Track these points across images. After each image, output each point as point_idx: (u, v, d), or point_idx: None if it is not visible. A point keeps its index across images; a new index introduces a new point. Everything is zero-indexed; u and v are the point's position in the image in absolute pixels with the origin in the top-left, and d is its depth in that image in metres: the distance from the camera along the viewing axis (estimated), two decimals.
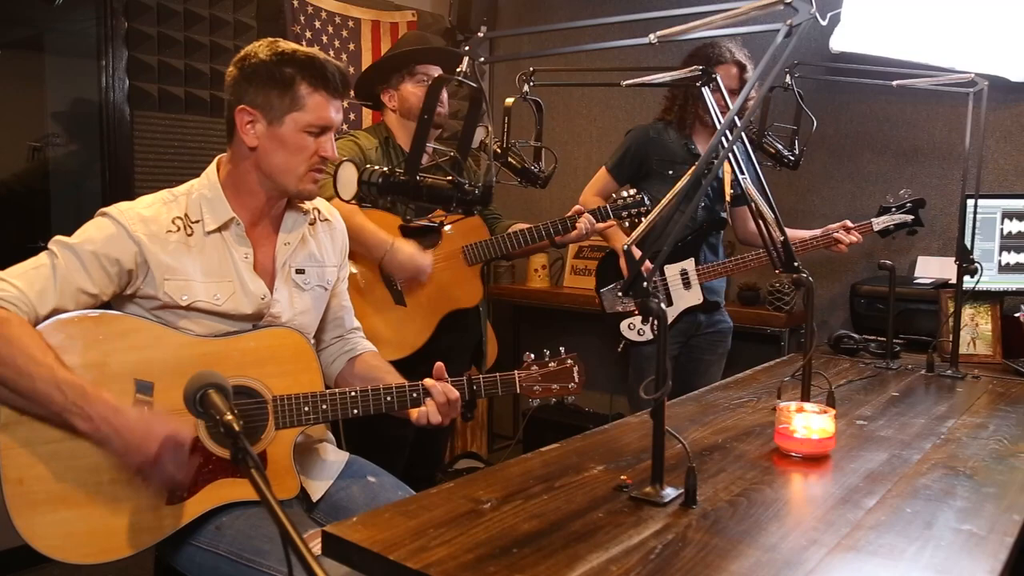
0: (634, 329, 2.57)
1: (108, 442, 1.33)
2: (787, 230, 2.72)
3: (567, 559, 1.05)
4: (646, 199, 2.34)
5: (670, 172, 2.60)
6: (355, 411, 1.54)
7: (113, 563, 1.40)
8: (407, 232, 2.22)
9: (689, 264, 2.62)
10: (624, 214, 2.33)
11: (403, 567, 1.03)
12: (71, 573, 2.62)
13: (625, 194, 2.35)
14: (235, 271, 1.55)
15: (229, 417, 0.99)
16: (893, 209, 2.62)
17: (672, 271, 2.62)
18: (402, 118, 2.33)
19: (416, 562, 1.03)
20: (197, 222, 1.54)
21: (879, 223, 2.62)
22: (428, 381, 1.59)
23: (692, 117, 2.64)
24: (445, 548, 1.07)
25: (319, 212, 1.74)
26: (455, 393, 1.60)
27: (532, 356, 1.70)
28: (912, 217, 2.61)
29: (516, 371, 1.67)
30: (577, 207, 2.34)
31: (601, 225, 2.32)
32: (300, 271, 1.65)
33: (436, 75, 2.31)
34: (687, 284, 2.62)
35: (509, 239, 2.26)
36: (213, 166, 1.61)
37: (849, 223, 2.60)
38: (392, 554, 1.05)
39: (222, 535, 1.44)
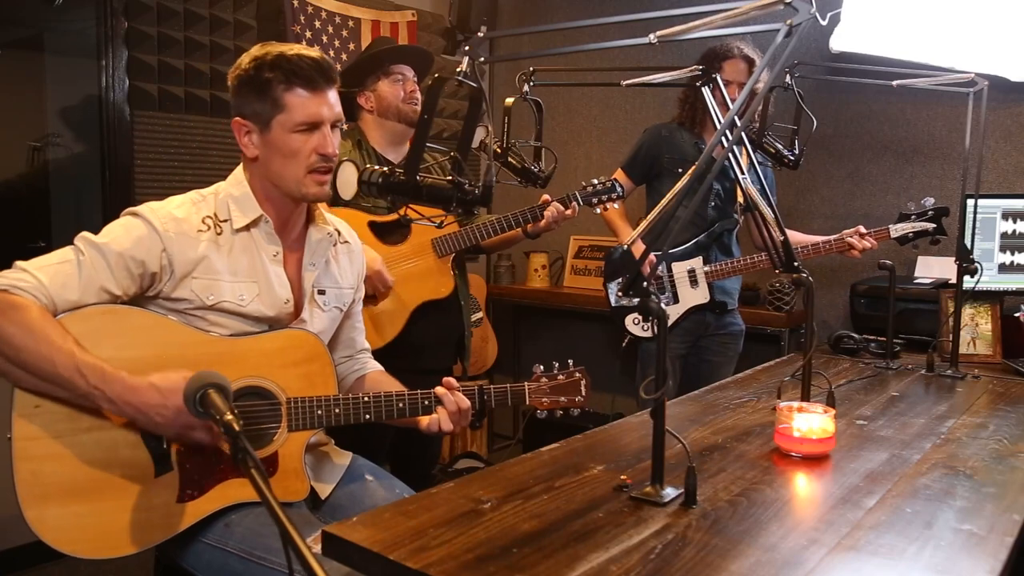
0: (639, 324, 2.58)
1: (134, 421, 1.35)
2: (799, 234, 2.76)
3: (567, 559, 1.05)
4: (616, 185, 2.36)
5: (680, 171, 2.64)
6: (367, 416, 1.55)
7: (113, 561, 1.40)
8: (376, 227, 2.24)
9: (697, 263, 2.65)
10: (595, 200, 2.35)
11: (403, 567, 1.03)
12: (71, 571, 2.64)
13: (596, 181, 2.37)
14: (263, 270, 1.55)
15: (229, 417, 0.99)
16: (913, 216, 2.56)
17: (680, 269, 2.67)
18: (379, 118, 2.35)
19: (416, 562, 1.03)
20: (226, 221, 1.53)
21: (897, 230, 2.55)
22: (440, 389, 1.60)
23: (702, 116, 2.67)
24: (445, 548, 1.08)
25: (339, 234, 1.72)
26: (467, 402, 1.61)
27: (541, 368, 1.71)
28: (934, 226, 2.54)
29: (526, 383, 1.70)
30: (545, 196, 2.33)
31: (569, 212, 2.32)
32: (322, 292, 1.66)
33: (410, 74, 2.35)
34: (694, 282, 2.65)
35: (478, 229, 2.28)
36: (240, 168, 1.60)
37: (863, 228, 2.54)
38: (392, 554, 1.05)
39: (231, 532, 1.44)
